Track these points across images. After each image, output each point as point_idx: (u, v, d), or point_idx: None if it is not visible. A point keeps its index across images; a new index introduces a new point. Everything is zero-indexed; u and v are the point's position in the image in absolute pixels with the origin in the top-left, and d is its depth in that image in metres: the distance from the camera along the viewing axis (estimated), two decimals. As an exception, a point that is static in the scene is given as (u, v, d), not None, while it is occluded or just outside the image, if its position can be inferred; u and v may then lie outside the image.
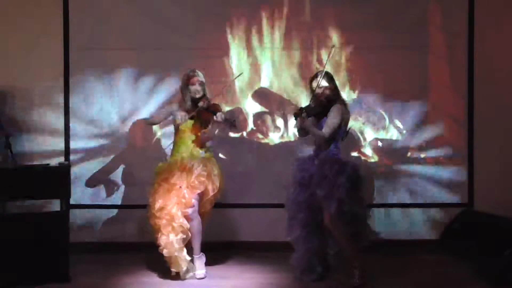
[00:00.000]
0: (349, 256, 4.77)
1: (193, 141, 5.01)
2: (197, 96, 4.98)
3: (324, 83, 4.81)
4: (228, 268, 5.33)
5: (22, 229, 4.71)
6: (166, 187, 4.89)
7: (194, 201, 4.91)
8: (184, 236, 4.87)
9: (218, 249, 5.61)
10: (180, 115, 4.90)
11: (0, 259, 4.63)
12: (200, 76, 5.02)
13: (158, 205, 4.86)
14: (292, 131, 6.02)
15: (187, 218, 4.89)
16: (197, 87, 4.98)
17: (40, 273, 4.72)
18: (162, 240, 4.84)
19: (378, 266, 4.96)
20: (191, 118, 4.94)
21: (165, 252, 4.85)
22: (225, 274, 5.13)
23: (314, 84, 4.81)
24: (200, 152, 5.01)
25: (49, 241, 4.74)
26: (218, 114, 4.92)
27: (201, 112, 4.94)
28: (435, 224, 5.94)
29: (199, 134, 5.01)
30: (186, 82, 5.02)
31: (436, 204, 6.01)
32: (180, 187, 4.86)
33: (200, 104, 4.94)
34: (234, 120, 5.01)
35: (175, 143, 5.10)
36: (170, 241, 4.82)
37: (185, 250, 4.91)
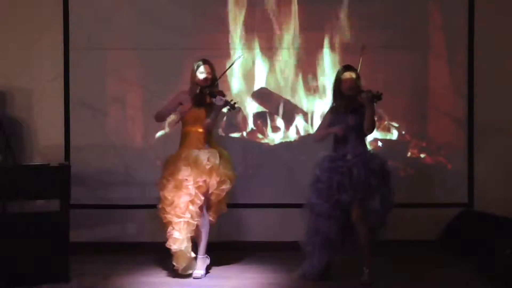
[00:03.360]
0: (365, 255, 4.73)
1: (197, 131, 5.00)
2: (204, 84, 4.98)
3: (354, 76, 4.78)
4: (228, 268, 5.33)
5: (22, 229, 4.70)
6: (174, 183, 4.90)
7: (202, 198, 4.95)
8: (193, 234, 4.92)
9: (218, 249, 5.60)
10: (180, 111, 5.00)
11: (0, 259, 4.63)
12: (209, 65, 5.03)
13: (168, 201, 4.88)
14: (294, 131, 6.03)
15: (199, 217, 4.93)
16: (205, 75, 4.98)
17: (40, 273, 4.71)
18: (174, 235, 4.84)
19: (378, 266, 4.96)
20: (195, 103, 4.97)
21: (173, 247, 4.85)
22: (225, 274, 5.13)
23: (348, 75, 4.75)
24: (205, 144, 5.01)
25: (49, 241, 4.73)
26: (218, 97, 4.91)
27: (202, 94, 4.96)
28: (435, 224, 5.94)
29: (203, 118, 4.99)
30: (195, 71, 5.02)
31: (436, 204, 6.01)
32: (186, 179, 4.86)
33: (203, 88, 4.97)
34: (235, 102, 4.97)
35: (181, 135, 5.09)
36: (182, 238, 4.84)
37: (190, 247, 4.93)
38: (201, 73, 4.99)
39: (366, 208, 4.64)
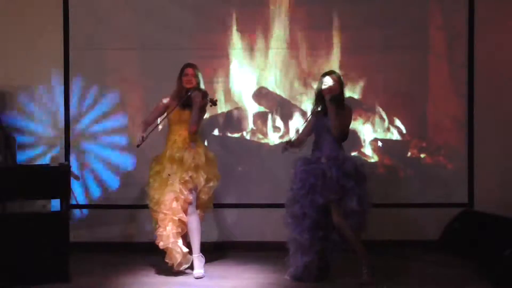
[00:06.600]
0: (359, 255, 4.75)
1: (182, 131, 5.05)
2: (189, 86, 5.06)
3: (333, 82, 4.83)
4: (228, 268, 5.33)
5: (22, 229, 4.71)
6: (160, 181, 4.99)
7: (191, 196, 4.99)
8: (179, 230, 4.97)
9: (217, 249, 5.61)
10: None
11: (0, 259, 4.63)
12: (194, 68, 5.10)
13: (155, 199, 4.98)
14: (293, 131, 6.03)
15: (185, 213, 4.98)
16: (189, 78, 5.06)
17: (40, 273, 4.72)
18: (159, 232, 4.96)
19: (378, 266, 4.96)
20: (181, 104, 5.04)
21: (160, 244, 4.96)
22: (225, 274, 5.13)
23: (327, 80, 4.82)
24: (191, 144, 5.05)
25: (49, 241, 4.74)
26: (196, 92, 5.00)
27: (187, 96, 5.04)
28: (435, 224, 5.93)
29: (187, 119, 5.05)
30: (180, 73, 5.11)
31: (436, 204, 6.00)
32: (169, 175, 4.94)
33: (189, 90, 5.05)
34: (216, 99, 5.11)
35: (167, 135, 5.17)
36: (166, 234, 4.94)
37: (180, 242, 4.98)
38: (185, 75, 5.08)
39: (344, 209, 4.69)
